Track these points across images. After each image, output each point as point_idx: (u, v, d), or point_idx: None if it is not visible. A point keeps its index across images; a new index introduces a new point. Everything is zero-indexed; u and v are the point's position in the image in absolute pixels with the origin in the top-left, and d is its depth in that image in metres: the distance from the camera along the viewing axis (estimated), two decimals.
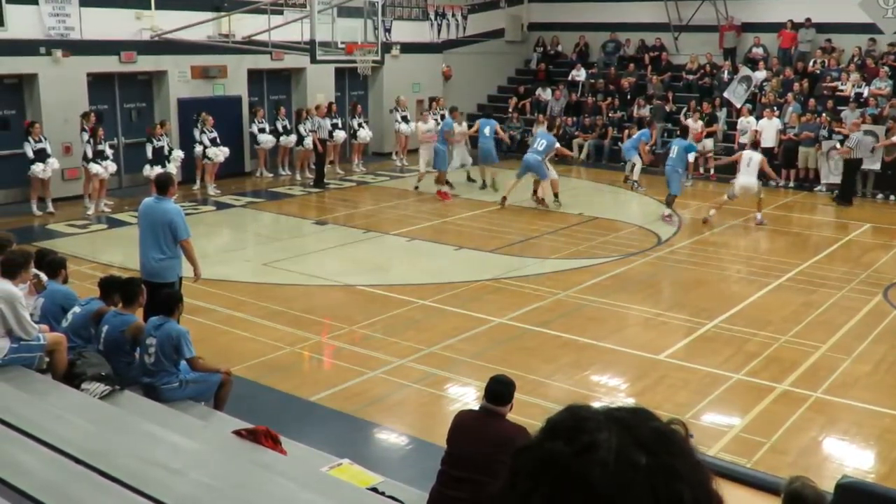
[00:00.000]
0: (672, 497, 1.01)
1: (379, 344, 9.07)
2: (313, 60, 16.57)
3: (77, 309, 7.09)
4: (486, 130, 17.72)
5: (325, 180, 18.36)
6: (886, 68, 20.03)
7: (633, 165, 17.86)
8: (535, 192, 16.37)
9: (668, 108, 21.93)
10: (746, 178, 14.72)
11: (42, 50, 15.74)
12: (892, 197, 17.62)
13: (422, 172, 17.62)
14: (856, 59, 20.83)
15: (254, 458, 5.28)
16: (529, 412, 6.66)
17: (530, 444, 1.08)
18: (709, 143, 19.77)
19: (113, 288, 7.24)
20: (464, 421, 5.04)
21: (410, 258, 13.00)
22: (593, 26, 25.16)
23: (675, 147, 15.43)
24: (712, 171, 19.34)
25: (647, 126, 18.76)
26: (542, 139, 16.23)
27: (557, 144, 16.79)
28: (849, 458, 6.83)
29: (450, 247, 13.36)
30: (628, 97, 22.74)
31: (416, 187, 17.59)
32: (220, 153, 17.21)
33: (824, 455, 6.91)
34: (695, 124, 18.59)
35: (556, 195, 16.11)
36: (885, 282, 11.50)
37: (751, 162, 14.75)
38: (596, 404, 1.14)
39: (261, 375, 8.14)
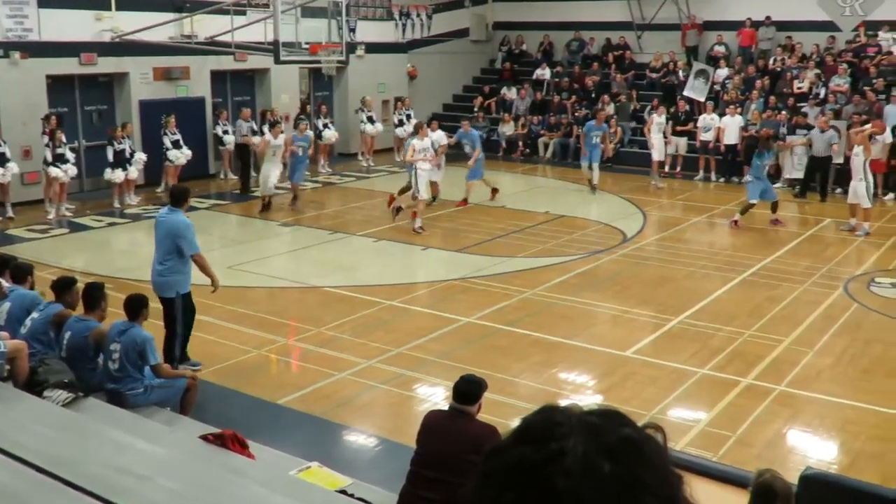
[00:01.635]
0: None
1: (347, 345, 9.03)
2: (277, 61, 16.46)
3: (36, 314, 6.97)
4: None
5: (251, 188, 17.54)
6: (845, 65, 20.34)
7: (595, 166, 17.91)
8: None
9: (632, 107, 22.11)
10: None
11: (0, 52, 15.47)
12: None
13: (422, 199, 14.27)
14: (814, 57, 21.14)
15: (222, 462, 5.24)
16: (499, 411, 6.69)
17: (501, 447, 1.07)
18: (682, 143, 19.88)
19: (65, 288, 7.14)
20: (433, 421, 5.04)
21: (377, 259, 12.96)
22: (558, 25, 25.30)
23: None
24: (678, 169, 19.53)
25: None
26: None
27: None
28: (812, 449, 6.94)
29: (417, 247, 13.34)
30: (593, 95, 22.88)
31: (421, 227, 14.03)
32: (182, 155, 17.01)
33: (788, 447, 7.01)
34: (660, 118, 18.51)
35: (434, 197, 15.74)
36: (845, 276, 11.70)
37: None
38: (567, 402, 1.13)
39: (227, 379, 8.07)
